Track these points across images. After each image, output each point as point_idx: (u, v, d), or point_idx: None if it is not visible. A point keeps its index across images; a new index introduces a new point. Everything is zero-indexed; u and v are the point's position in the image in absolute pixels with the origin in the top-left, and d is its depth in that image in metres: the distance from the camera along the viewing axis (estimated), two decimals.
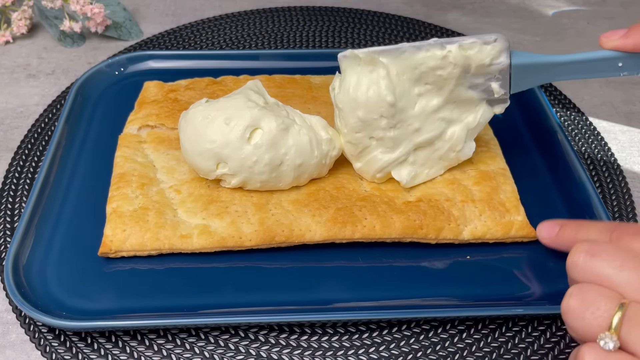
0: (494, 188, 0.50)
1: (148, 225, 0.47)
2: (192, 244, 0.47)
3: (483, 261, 0.49)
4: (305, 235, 0.47)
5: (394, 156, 0.49)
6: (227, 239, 0.47)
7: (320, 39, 0.74)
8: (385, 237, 0.48)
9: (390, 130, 0.48)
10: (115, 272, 0.47)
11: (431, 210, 0.49)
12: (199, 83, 0.61)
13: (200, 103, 0.49)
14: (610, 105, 0.66)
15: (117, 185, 0.50)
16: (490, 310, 0.44)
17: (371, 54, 0.46)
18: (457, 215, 0.49)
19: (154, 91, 0.60)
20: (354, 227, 0.48)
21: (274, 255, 0.48)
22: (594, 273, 0.35)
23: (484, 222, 0.49)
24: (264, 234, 0.47)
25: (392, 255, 0.49)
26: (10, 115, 0.63)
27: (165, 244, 0.47)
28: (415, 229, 0.48)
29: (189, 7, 0.80)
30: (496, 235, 0.49)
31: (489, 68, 0.46)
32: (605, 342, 0.32)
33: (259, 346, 0.44)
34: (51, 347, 0.44)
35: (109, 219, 0.48)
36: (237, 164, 0.47)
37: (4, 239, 0.50)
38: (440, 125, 0.49)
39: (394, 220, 0.48)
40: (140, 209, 0.48)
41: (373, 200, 0.49)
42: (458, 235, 0.48)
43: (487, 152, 0.54)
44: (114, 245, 0.46)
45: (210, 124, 0.47)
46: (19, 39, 0.73)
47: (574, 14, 0.81)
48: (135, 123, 0.56)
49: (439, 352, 0.44)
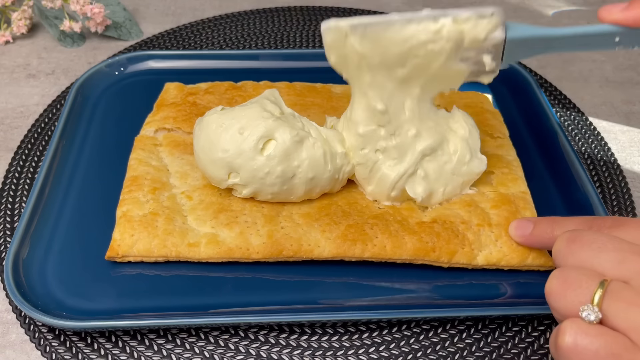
0: (512, 213, 0.48)
1: (156, 232, 0.47)
2: (200, 253, 0.46)
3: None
4: (314, 251, 0.47)
5: (402, 168, 0.48)
6: (235, 250, 0.46)
7: (320, 39, 0.74)
8: (396, 257, 0.47)
9: (392, 139, 0.47)
10: (115, 273, 0.47)
11: (445, 232, 0.47)
12: (219, 87, 0.60)
13: (215, 111, 0.49)
14: (610, 105, 0.66)
15: (129, 188, 0.50)
16: (490, 310, 0.44)
17: (355, 28, 0.43)
18: (472, 239, 0.47)
19: (174, 93, 0.59)
20: (364, 245, 0.47)
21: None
22: (575, 257, 0.35)
23: (500, 248, 0.47)
24: (272, 247, 0.46)
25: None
26: (10, 115, 0.63)
27: (172, 251, 0.46)
28: (427, 251, 0.46)
29: (189, 7, 0.80)
30: (511, 263, 0.47)
31: (484, 43, 0.44)
32: (587, 313, 0.32)
33: (259, 346, 0.44)
34: (51, 347, 0.44)
35: (119, 223, 0.47)
36: (249, 175, 0.47)
37: (4, 239, 0.50)
38: (437, 125, 0.48)
39: (405, 240, 0.47)
40: (150, 214, 0.48)
41: (386, 218, 0.48)
42: (472, 260, 0.47)
43: (508, 174, 0.52)
44: (122, 250, 0.46)
45: (223, 133, 0.47)
46: (19, 39, 0.73)
47: (574, 14, 0.81)
48: (152, 125, 0.56)
49: (439, 352, 0.44)
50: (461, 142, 0.49)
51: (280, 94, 0.53)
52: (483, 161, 0.49)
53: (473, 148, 0.49)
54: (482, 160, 0.49)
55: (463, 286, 0.47)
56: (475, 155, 0.49)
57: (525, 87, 0.63)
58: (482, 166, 0.49)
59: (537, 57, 0.72)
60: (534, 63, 0.71)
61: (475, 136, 0.49)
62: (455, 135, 0.49)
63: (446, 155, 0.48)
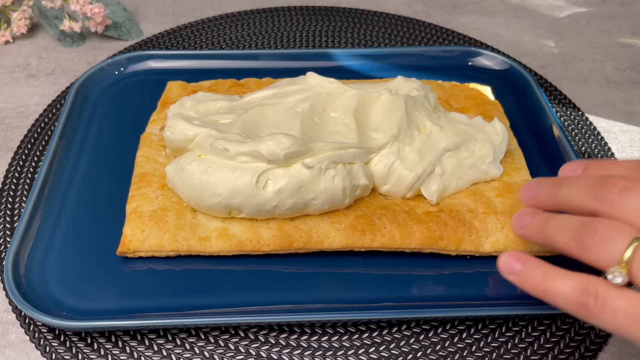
0: (517, 200, 0.49)
1: (167, 226, 0.47)
2: (211, 246, 0.47)
3: (483, 261, 0.49)
4: (324, 242, 0.47)
5: (421, 168, 0.48)
6: (245, 243, 0.47)
7: (320, 39, 0.74)
8: (405, 247, 0.47)
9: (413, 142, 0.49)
10: (116, 273, 0.47)
11: (452, 221, 0.48)
12: (222, 84, 0.60)
13: (192, 157, 0.47)
14: (610, 105, 0.66)
15: (138, 185, 0.50)
16: (490, 310, 0.44)
17: None
18: (479, 227, 0.48)
19: (177, 91, 0.59)
20: (373, 235, 0.47)
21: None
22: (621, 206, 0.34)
23: (506, 235, 0.48)
24: (282, 240, 0.47)
25: (393, 258, 0.48)
26: (10, 115, 0.63)
27: (183, 245, 0.46)
28: (435, 239, 0.47)
29: (189, 7, 0.80)
30: (518, 249, 0.47)
31: None
32: (614, 276, 0.32)
33: (259, 346, 0.44)
34: (51, 347, 0.44)
35: (129, 219, 0.48)
36: (254, 209, 0.46)
37: (4, 239, 0.50)
38: (466, 126, 0.51)
39: (413, 230, 0.47)
40: (160, 210, 0.48)
41: (393, 208, 0.48)
42: (479, 247, 0.47)
43: (511, 163, 0.53)
44: (133, 245, 0.46)
45: (212, 177, 0.45)
46: (19, 39, 0.73)
47: (574, 14, 0.81)
48: (157, 123, 0.56)
49: (439, 352, 0.44)
50: (489, 145, 0.51)
51: None
52: (500, 169, 0.51)
53: (497, 156, 0.51)
54: (500, 168, 0.51)
55: (463, 286, 0.47)
56: (496, 161, 0.51)
57: (525, 87, 0.63)
58: (498, 172, 0.51)
59: (537, 57, 0.72)
60: (534, 63, 0.71)
61: (503, 147, 0.52)
62: (486, 139, 0.51)
63: (469, 152, 0.50)
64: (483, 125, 0.52)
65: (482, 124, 0.52)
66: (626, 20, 0.79)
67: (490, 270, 0.47)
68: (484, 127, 0.52)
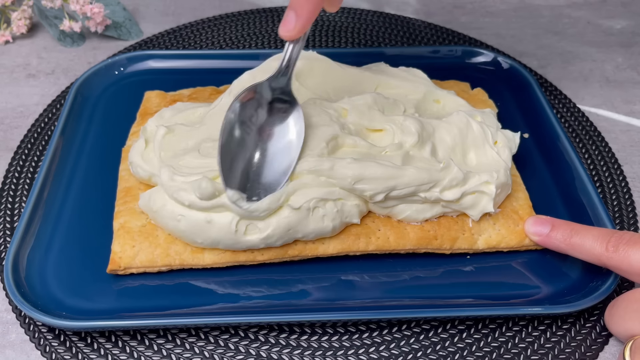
0: (507, 196, 0.50)
1: (158, 241, 0.46)
2: (204, 259, 0.46)
3: (483, 261, 0.49)
4: (319, 249, 0.47)
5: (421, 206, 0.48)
6: (239, 254, 0.46)
7: (320, 39, 0.74)
8: (400, 248, 0.47)
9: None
10: (116, 274, 0.47)
11: (445, 220, 0.48)
12: (202, 92, 0.59)
13: (162, 199, 0.45)
14: (610, 105, 0.66)
15: (124, 199, 0.49)
16: (490, 310, 0.44)
17: None
18: (472, 224, 0.48)
19: (156, 101, 0.58)
20: (368, 239, 0.47)
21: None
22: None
23: (498, 230, 0.48)
24: (277, 248, 0.46)
25: (393, 257, 0.48)
26: (10, 115, 0.63)
27: (175, 259, 0.46)
28: (429, 239, 0.47)
29: (188, 7, 0.80)
30: (511, 244, 0.48)
31: None
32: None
33: (259, 346, 0.44)
34: (51, 347, 0.44)
35: (117, 235, 0.47)
36: (240, 246, 0.45)
37: (4, 239, 0.50)
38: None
39: (407, 231, 0.47)
40: (149, 224, 0.47)
41: None
42: (473, 244, 0.48)
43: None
44: (123, 262, 0.45)
45: (187, 226, 0.44)
46: (19, 39, 0.73)
47: (574, 14, 0.80)
48: (137, 135, 0.54)
49: (439, 352, 0.44)
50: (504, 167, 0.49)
51: None
52: (510, 186, 0.50)
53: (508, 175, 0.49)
54: (509, 185, 0.49)
55: (463, 286, 0.47)
56: (508, 176, 0.49)
57: (525, 87, 0.63)
58: (491, 208, 0.48)
59: (537, 57, 0.72)
60: (534, 63, 0.71)
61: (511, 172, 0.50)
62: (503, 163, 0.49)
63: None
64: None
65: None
66: (626, 20, 0.79)
67: (487, 265, 0.48)
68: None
